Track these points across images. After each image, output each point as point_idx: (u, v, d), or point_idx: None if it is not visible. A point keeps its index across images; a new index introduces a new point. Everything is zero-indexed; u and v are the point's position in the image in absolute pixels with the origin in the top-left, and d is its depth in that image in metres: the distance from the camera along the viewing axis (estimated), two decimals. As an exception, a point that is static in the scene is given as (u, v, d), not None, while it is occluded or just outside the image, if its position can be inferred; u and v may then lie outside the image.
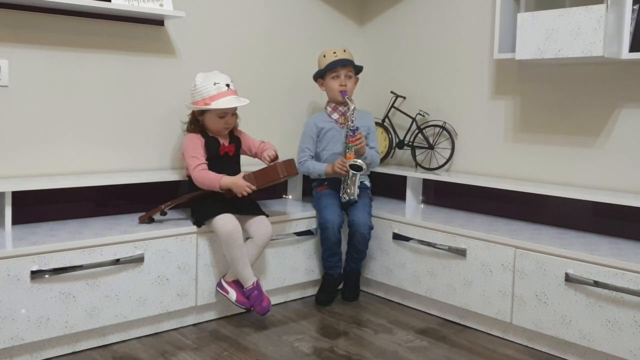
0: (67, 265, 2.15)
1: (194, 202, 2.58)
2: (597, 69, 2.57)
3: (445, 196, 3.13)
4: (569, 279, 2.21)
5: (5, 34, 2.38)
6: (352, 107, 2.84)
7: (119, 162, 2.71)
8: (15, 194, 2.35)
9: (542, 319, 2.30)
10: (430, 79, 3.23)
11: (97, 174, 2.62)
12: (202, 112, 2.54)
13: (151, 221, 2.53)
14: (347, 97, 2.87)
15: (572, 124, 2.68)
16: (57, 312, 2.14)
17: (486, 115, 2.99)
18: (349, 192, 2.81)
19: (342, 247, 2.87)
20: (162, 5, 2.61)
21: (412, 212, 2.96)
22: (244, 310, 2.56)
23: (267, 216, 2.62)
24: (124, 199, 2.70)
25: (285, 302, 2.83)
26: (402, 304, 2.85)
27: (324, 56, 2.96)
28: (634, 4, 2.32)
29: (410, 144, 3.21)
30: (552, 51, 2.41)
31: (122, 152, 2.72)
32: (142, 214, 2.53)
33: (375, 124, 3.16)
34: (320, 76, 2.98)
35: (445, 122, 3.11)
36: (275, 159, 2.60)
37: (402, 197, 3.18)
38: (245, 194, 2.47)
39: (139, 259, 2.31)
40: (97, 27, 2.60)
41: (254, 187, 2.48)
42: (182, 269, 2.44)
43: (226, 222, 2.44)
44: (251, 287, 2.47)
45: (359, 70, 2.99)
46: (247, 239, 2.54)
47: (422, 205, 3.17)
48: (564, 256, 2.25)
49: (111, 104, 2.67)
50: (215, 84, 2.49)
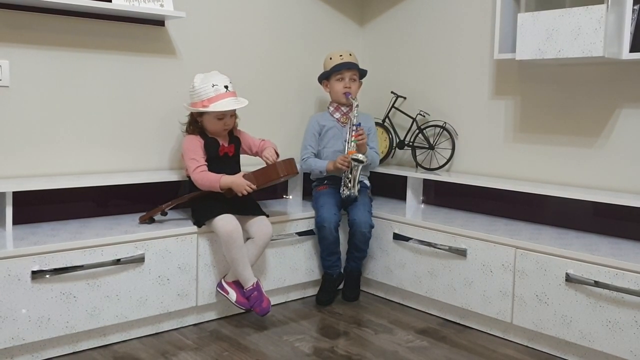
0: (68, 265, 2.15)
1: (195, 203, 2.58)
2: (598, 69, 2.58)
3: (445, 196, 3.13)
4: (569, 279, 2.21)
5: (6, 34, 2.39)
6: (356, 104, 2.86)
7: (119, 162, 2.71)
8: (16, 194, 2.35)
9: (542, 319, 2.30)
10: (430, 79, 3.23)
11: (98, 174, 2.62)
12: (201, 113, 2.54)
13: (152, 221, 2.53)
14: (351, 97, 2.90)
15: (572, 124, 2.68)
16: (58, 312, 2.14)
17: (486, 115, 2.99)
18: (349, 186, 2.80)
19: (342, 247, 2.88)
20: (162, 5, 2.61)
21: (412, 212, 2.96)
22: (244, 310, 2.56)
23: (267, 216, 2.62)
24: (124, 199, 2.70)
25: (285, 302, 2.83)
26: (402, 304, 2.85)
27: (330, 58, 2.99)
28: (634, 4, 2.32)
29: (410, 144, 3.21)
30: (552, 51, 2.41)
31: (123, 152, 2.72)
32: (143, 214, 2.53)
33: (375, 124, 3.16)
34: (325, 78, 3.01)
35: (445, 122, 3.11)
36: (275, 159, 2.60)
37: (402, 197, 3.19)
38: (245, 193, 2.47)
39: (140, 259, 2.31)
40: (97, 27, 2.60)
41: (253, 187, 2.48)
42: (182, 269, 2.44)
43: (226, 222, 2.44)
44: (251, 287, 2.47)
45: (363, 74, 3.02)
46: (247, 239, 2.54)
47: (423, 205, 3.17)
48: (565, 256, 2.25)
49: (112, 104, 2.67)
50: (213, 85, 2.49)
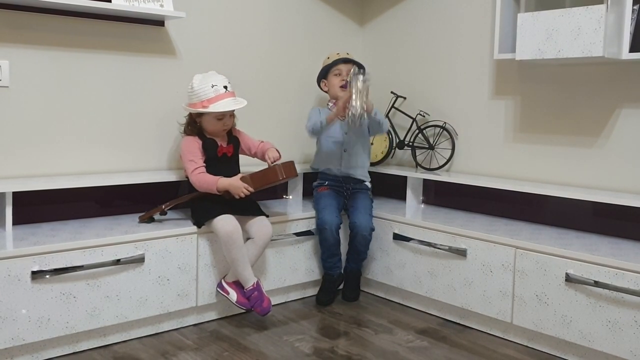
0: (68, 265, 2.15)
1: (194, 203, 2.58)
2: (597, 69, 2.58)
3: (445, 196, 3.13)
4: (569, 279, 2.21)
5: (5, 35, 2.39)
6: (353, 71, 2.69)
7: (120, 162, 2.71)
8: (15, 194, 2.35)
9: (542, 319, 2.30)
10: (430, 79, 3.23)
11: (98, 174, 2.62)
12: (200, 114, 2.53)
13: (151, 221, 2.53)
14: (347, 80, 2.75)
15: (572, 124, 2.68)
16: (58, 313, 2.14)
17: (486, 115, 2.99)
18: (354, 105, 2.58)
19: (342, 248, 2.88)
20: (162, 5, 2.61)
21: (412, 213, 2.96)
22: (244, 310, 2.56)
23: (267, 216, 2.62)
24: (124, 199, 2.70)
25: (285, 302, 2.83)
26: (402, 304, 2.85)
27: (328, 58, 3.00)
28: (634, 4, 2.32)
29: (410, 144, 3.21)
30: (552, 51, 2.41)
31: (123, 152, 2.72)
32: (142, 214, 2.53)
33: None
34: (323, 77, 2.99)
35: (445, 123, 3.11)
36: (278, 158, 2.59)
37: (402, 197, 3.19)
38: (242, 195, 2.46)
39: (140, 259, 2.31)
40: (97, 27, 2.60)
41: (251, 189, 2.47)
42: (182, 269, 2.44)
43: (226, 223, 2.44)
44: (251, 287, 2.47)
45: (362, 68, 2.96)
46: (247, 239, 2.54)
47: (423, 205, 3.17)
48: (564, 256, 2.25)
49: (112, 104, 2.67)
50: (213, 86, 2.48)
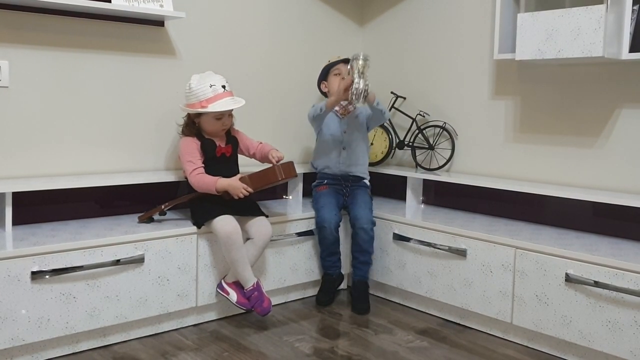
0: (68, 265, 2.15)
1: (194, 203, 2.58)
2: (597, 70, 2.57)
3: (445, 196, 3.13)
4: (569, 279, 2.21)
5: (5, 35, 2.39)
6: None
7: (120, 162, 2.71)
8: (15, 195, 2.35)
9: (542, 319, 2.30)
10: (430, 80, 3.23)
11: (98, 174, 2.62)
12: (199, 114, 2.53)
13: (150, 221, 2.53)
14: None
15: (572, 124, 2.68)
16: (58, 313, 2.14)
17: (486, 115, 2.99)
18: (356, 81, 2.58)
19: (342, 247, 2.88)
20: (162, 5, 2.61)
21: (412, 213, 2.96)
22: (244, 311, 2.56)
23: (267, 217, 2.62)
24: (124, 200, 2.70)
25: (285, 302, 2.83)
26: (402, 304, 2.85)
27: (329, 61, 3.00)
28: (633, 4, 2.32)
29: (410, 144, 3.21)
30: (552, 51, 2.41)
31: (123, 152, 2.72)
32: (142, 214, 2.54)
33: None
34: (323, 78, 2.99)
35: (445, 123, 3.11)
36: (281, 160, 2.59)
37: (402, 197, 3.19)
38: (241, 196, 2.46)
39: (140, 260, 2.31)
40: (97, 27, 2.60)
41: (250, 190, 2.47)
42: (182, 269, 2.44)
43: (226, 223, 2.44)
44: (251, 288, 2.47)
45: None
46: (247, 239, 2.54)
47: (423, 205, 3.17)
48: (564, 256, 2.25)
49: (111, 104, 2.67)
50: (211, 85, 2.48)
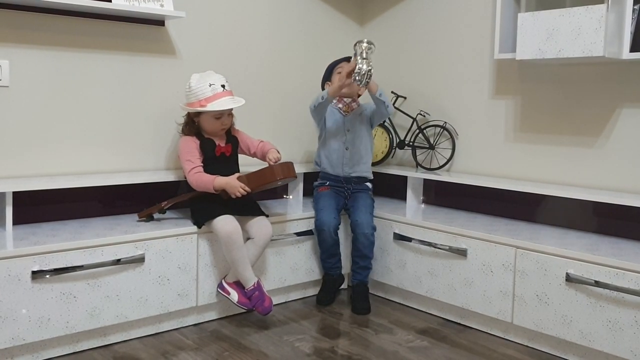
0: (68, 265, 2.14)
1: (194, 203, 2.58)
2: (598, 69, 2.57)
3: (445, 196, 3.13)
4: (569, 279, 2.21)
5: (6, 34, 2.39)
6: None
7: (120, 162, 2.71)
8: (16, 194, 2.35)
9: (542, 319, 2.30)
10: (430, 79, 3.23)
11: (99, 174, 2.62)
12: (198, 113, 2.53)
13: (150, 219, 2.54)
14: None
15: (572, 124, 2.68)
16: (58, 312, 2.14)
17: (487, 115, 2.99)
18: (359, 64, 2.58)
19: (342, 248, 2.88)
20: (162, 5, 2.61)
21: (412, 212, 2.96)
22: (245, 310, 2.56)
23: (267, 216, 2.62)
24: (125, 199, 2.70)
25: (285, 302, 2.83)
26: (402, 304, 2.85)
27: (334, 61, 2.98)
28: (634, 4, 2.32)
29: (410, 144, 3.21)
30: (552, 51, 2.41)
31: (124, 152, 2.72)
32: (142, 211, 2.55)
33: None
34: (327, 78, 2.97)
35: (445, 122, 3.11)
36: (277, 162, 2.59)
37: (402, 197, 3.19)
38: (238, 194, 2.46)
39: (140, 259, 2.31)
40: (97, 27, 2.60)
41: (247, 189, 2.47)
42: (182, 269, 2.44)
43: (226, 223, 2.44)
44: (252, 287, 2.47)
45: None
46: (247, 239, 2.54)
47: (423, 205, 3.17)
48: (565, 256, 2.24)
49: (111, 104, 2.67)
50: (210, 85, 2.48)
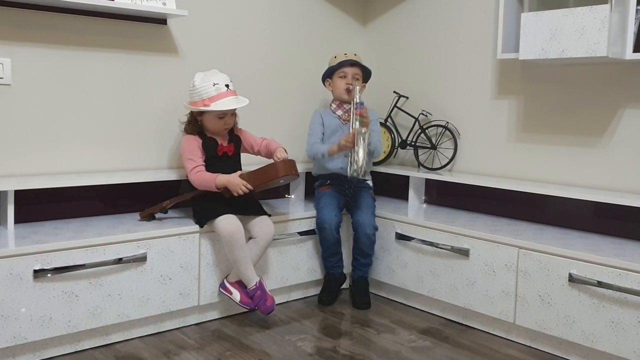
0: (70, 264, 2.14)
1: (196, 203, 2.57)
2: (601, 69, 2.57)
3: (447, 196, 3.12)
4: (572, 279, 2.21)
5: (7, 33, 2.38)
6: (358, 88, 2.74)
7: (122, 161, 2.71)
8: (17, 193, 2.35)
9: (545, 319, 2.30)
10: (433, 79, 3.23)
11: (101, 172, 2.62)
12: (201, 112, 2.53)
13: (152, 218, 2.53)
14: (352, 87, 2.80)
15: (575, 124, 2.68)
16: (60, 311, 2.14)
17: (489, 115, 2.98)
18: (356, 159, 2.61)
19: (344, 247, 2.88)
20: (165, 4, 2.61)
21: (414, 212, 2.95)
22: (248, 310, 2.55)
23: (269, 216, 2.61)
24: (127, 198, 2.69)
25: (287, 301, 2.83)
26: (404, 304, 2.84)
27: (335, 57, 2.97)
28: (638, 4, 2.31)
29: (412, 143, 3.21)
30: (556, 51, 2.41)
31: (126, 150, 2.71)
32: (144, 211, 2.55)
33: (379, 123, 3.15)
34: (328, 76, 2.98)
35: (448, 122, 3.10)
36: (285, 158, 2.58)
37: (404, 197, 3.18)
38: (240, 192, 2.46)
39: (142, 258, 2.31)
40: (99, 25, 2.59)
41: (249, 187, 2.47)
42: (184, 268, 2.43)
43: (228, 222, 2.43)
44: (254, 287, 2.46)
45: (367, 75, 2.96)
46: (249, 238, 2.53)
47: (425, 205, 3.17)
48: (568, 256, 2.24)
49: (113, 102, 2.66)
50: (214, 84, 2.48)
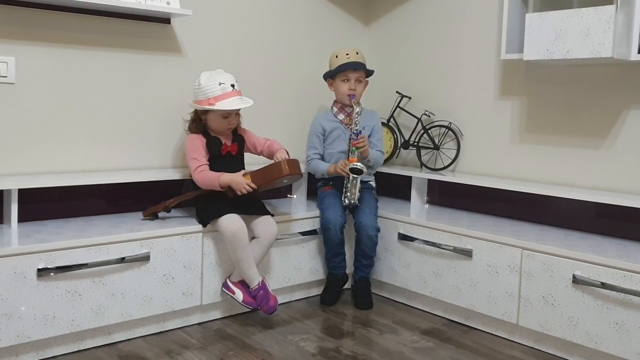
0: (73, 263, 2.14)
1: (199, 202, 2.57)
2: (605, 70, 2.57)
3: (450, 197, 3.12)
4: (576, 280, 2.20)
5: (12, 31, 2.38)
6: (357, 111, 2.80)
7: (125, 159, 2.70)
8: (21, 192, 2.35)
9: (548, 320, 2.29)
10: (436, 79, 3.23)
11: (104, 171, 2.61)
12: (205, 111, 2.53)
13: (155, 217, 2.53)
14: (354, 101, 2.84)
15: (579, 125, 2.67)
16: (63, 310, 2.14)
17: (492, 115, 2.98)
18: (349, 195, 2.77)
19: (347, 247, 2.87)
20: (169, 3, 2.60)
21: (417, 213, 2.95)
22: (250, 310, 2.55)
23: (272, 216, 2.61)
24: (130, 197, 2.69)
25: (289, 301, 2.83)
26: (407, 305, 2.84)
27: (336, 56, 2.92)
28: (643, 5, 2.31)
29: (415, 144, 3.20)
30: (560, 52, 2.40)
31: (129, 149, 2.71)
32: (147, 209, 2.54)
33: (381, 124, 3.15)
34: (330, 76, 2.96)
35: (450, 123, 3.10)
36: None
37: (407, 197, 3.18)
38: (244, 191, 2.46)
39: (145, 258, 2.31)
40: (103, 25, 2.59)
41: (253, 185, 2.47)
42: (187, 267, 2.43)
43: (231, 222, 2.43)
44: (257, 287, 2.46)
45: (369, 74, 2.96)
46: (252, 238, 2.53)
47: (427, 205, 3.17)
48: (571, 257, 2.24)
49: (117, 101, 2.66)
50: (220, 84, 2.48)
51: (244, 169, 2.57)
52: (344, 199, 2.80)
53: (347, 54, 2.90)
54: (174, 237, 2.39)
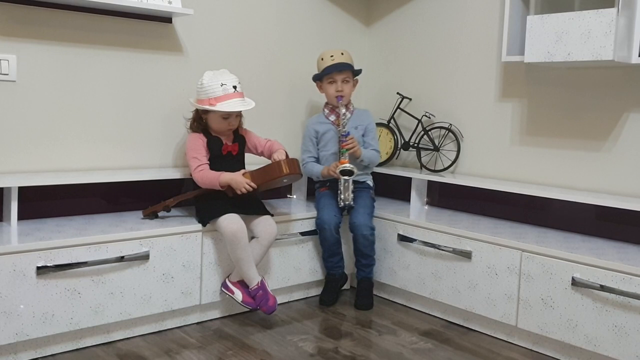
0: (73, 261, 2.14)
1: (199, 202, 2.57)
2: (606, 73, 2.57)
3: (450, 198, 3.12)
4: (575, 283, 2.20)
5: (13, 29, 2.38)
6: (343, 112, 2.83)
7: (126, 158, 2.70)
8: (21, 190, 2.35)
9: (547, 322, 2.29)
10: (436, 81, 3.23)
11: (104, 170, 2.62)
12: (206, 111, 2.53)
13: (155, 216, 2.53)
14: (340, 103, 2.85)
15: (579, 128, 2.67)
16: (62, 309, 2.14)
17: (493, 117, 2.98)
18: (342, 197, 2.77)
19: (344, 247, 2.88)
20: (170, 2, 2.61)
21: (416, 214, 2.95)
22: (249, 310, 2.55)
23: (272, 216, 2.61)
24: (130, 196, 2.69)
25: (289, 302, 2.83)
26: (406, 306, 2.84)
27: (322, 59, 2.93)
28: (644, 8, 2.31)
29: (415, 145, 3.20)
30: (561, 54, 2.40)
31: (129, 148, 2.71)
32: (147, 209, 2.54)
33: (378, 124, 3.15)
34: (318, 79, 2.97)
35: (451, 124, 3.10)
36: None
37: (406, 198, 3.18)
38: (244, 190, 2.46)
39: (144, 257, 2.31)
40: (105, 23, 2.59)
41: (253, 185, 2.47)
42: (187, 267, 2.43)
43: (231, 222, 2.43)
44: (256, 287, 2.46)
45: (357, 73, 2.95)
46: (252, 238, 2.53)
47: (427, 206, 3.17)
48: (571, 260, 2.24)
49: (118, 100, 2.66)
50: (222, 84, 2.48)
51: (244, 169, 2.57)
52: (339, 200, 2.80)
53: (331, 56, 2.90)
54: (173, 236, 2.39)
